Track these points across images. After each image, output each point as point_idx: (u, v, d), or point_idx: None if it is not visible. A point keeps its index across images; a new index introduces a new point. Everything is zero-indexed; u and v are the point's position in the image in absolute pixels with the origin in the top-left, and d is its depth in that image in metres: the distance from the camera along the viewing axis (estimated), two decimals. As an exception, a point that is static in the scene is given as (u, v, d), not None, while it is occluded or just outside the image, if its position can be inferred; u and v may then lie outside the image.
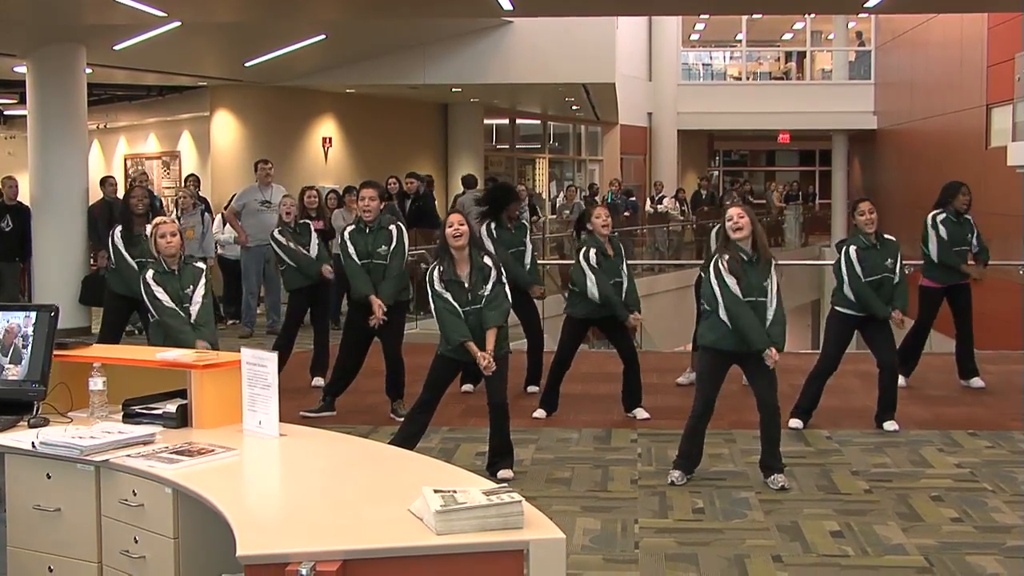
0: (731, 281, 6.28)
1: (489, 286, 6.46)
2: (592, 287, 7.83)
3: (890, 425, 7.85)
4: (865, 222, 7.76)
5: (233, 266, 13.06)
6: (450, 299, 6.43)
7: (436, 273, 6.48)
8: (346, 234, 8.04)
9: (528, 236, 8.99)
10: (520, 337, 9.49)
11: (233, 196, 13.15)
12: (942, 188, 9.14)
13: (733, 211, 6.40)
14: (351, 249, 7.95)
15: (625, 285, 8.02)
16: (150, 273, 6.62)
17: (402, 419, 7.20)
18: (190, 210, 12.64)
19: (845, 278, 7.74)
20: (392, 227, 8.05)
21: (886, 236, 7.87)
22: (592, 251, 7.91)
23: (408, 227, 9.72)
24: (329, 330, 9.57)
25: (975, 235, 9.05)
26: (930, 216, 9.01)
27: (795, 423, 7.89)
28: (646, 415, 8.21)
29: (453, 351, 6.52)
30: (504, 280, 6.55)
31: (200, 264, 6.85)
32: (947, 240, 8.92)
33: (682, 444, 6.67)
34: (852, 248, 7.77)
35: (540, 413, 8.27)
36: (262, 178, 12.26)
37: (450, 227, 6.44)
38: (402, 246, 7.98)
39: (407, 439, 6.56)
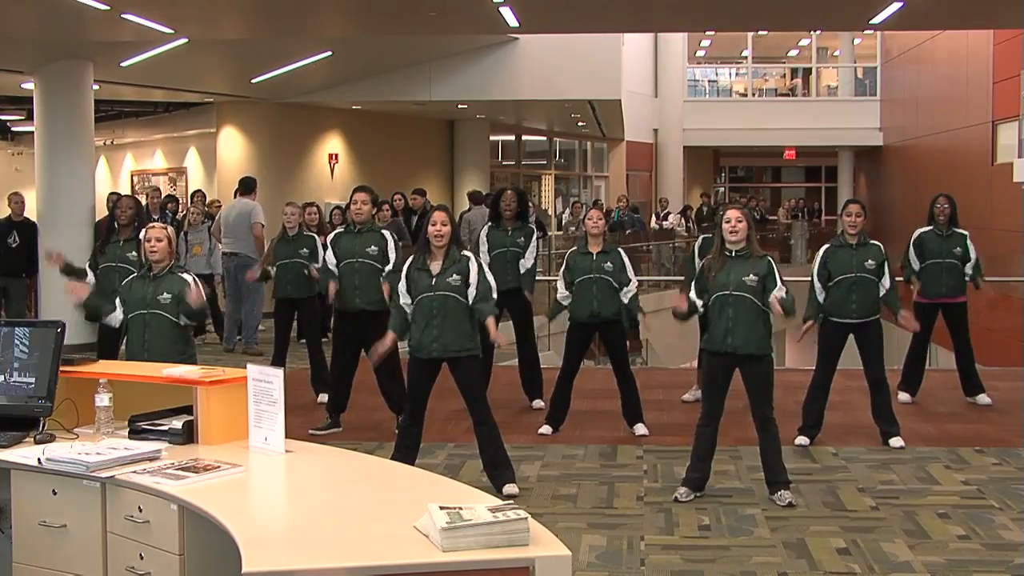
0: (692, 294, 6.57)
1: (475, 281, 6.49)
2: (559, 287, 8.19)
3: (896, 442, 7.83)
4: (849, 223, 7.84)
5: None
6: (402, 293, 6.58)
7: (408, 264, 6.62)
8: (330, 238, 8.23)
9: (528, 240, 8.93)
10: (513, 355, 9.50)
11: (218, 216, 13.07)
12: None
13: (731, 214, 6.43)
14: (330, 252, 8.12)
15: (627, 292, 8.02)
16: (129, 279, 6.47)
17: None
18: (198, 226, 12.67)
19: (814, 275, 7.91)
20: (384, 231, 8.24)
21: (871, 241, 7.88)
22: (571, 250, 8.23)
23: (413, 243, 9.74)
24: (321, 343, 9.59)
25: (971, 250, 8.92)
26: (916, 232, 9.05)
27: (801, 440, 7.87)
28: (644, 431, 8.19)
29: (416, 349, 6.55)
30: (487, 274, 6.59)
31: (185, 275, 6.37)
32: (923, 253, 8.91)
33: (692, 453, 6.67)
34: (824, 248, 7.97)
35: (546, 429, 8.26)
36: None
37: (433, 225, 6.49)
38: (393, 252, 8.06)
39: (404, 452, 6.61)
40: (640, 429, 8.20)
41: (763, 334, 6.42)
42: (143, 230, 6.52)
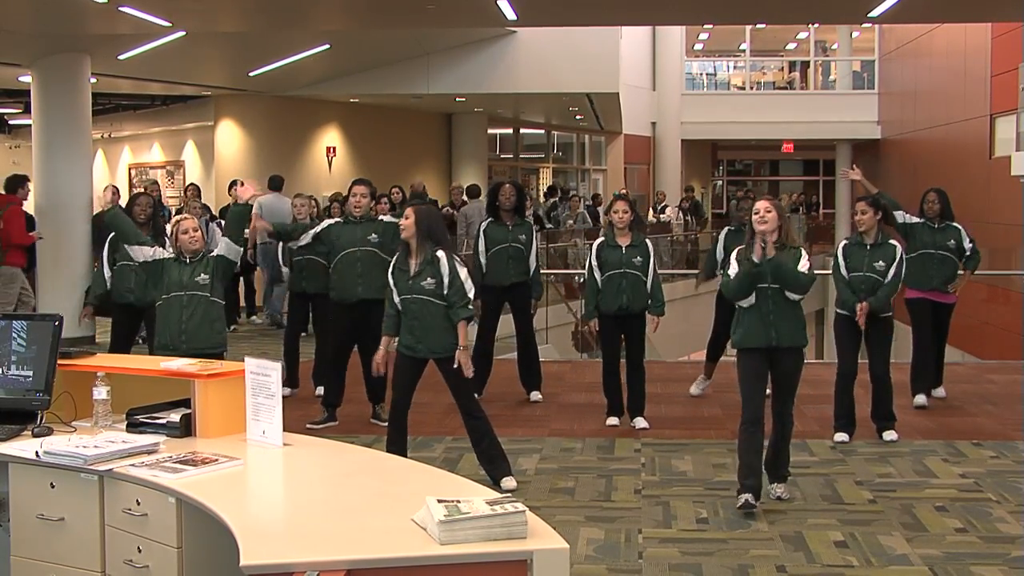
0: (732, 269, 6.22)
1: (446, 282, 6.36)
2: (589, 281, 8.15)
3: (889, 435, 7.81)
4: (856, 221, 7.84)
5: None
6: (392, 291, 6.52)
7: (392, 263, 6.58)
8: (320, 228, 8.20)
9: (529, 238, 8.90)
10: (511, 349, 9.49)
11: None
12: None
13: (760, 204, 6.21)
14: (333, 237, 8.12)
15: (648, 283, 8.04)
16: (164, 256, 6.63)
17: (383, 424, 7.47)
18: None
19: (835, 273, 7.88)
20: (383, 217, 8.37)
21: (890, 241, 7.83)
22: (598, 242, 8.18)
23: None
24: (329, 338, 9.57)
25: (966, 242, 8.79)
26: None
27: (840, 436, 7.80)
28: (644, 424, 8.20)
29: (403, 346, 6.55)
30: (459, 274, 6.40)
31: (209, 256, 6.66)
32: (914, 244, 8.73)
33: (740, 459, 6.31)
34: (842, 244, 7.96)
35: (613, 420, 8.27)
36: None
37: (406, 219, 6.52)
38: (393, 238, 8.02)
39: (396, 444, 6.62)
40: (640, 423, 8.20)
41: (800, 325, 6.29)
42: (174, 223, 6.73)
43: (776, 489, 6.43)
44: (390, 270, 6.60)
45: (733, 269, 6.21)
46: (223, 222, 13.27)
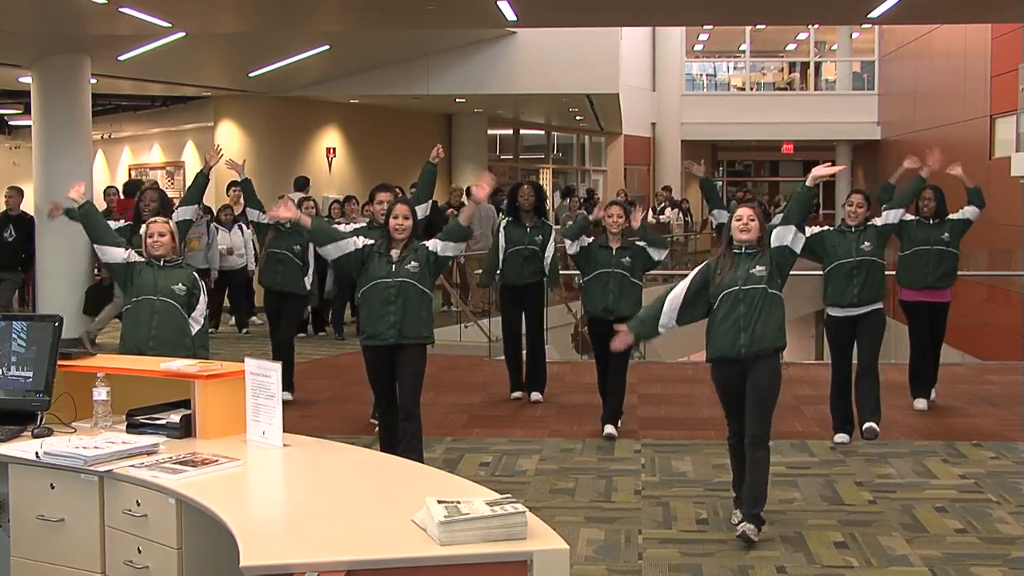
0: (687, 281, 5.88)
1: (432, 247, 6.53)
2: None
3: (869, 432, 7.56)
4: (849, 213, 7.76)
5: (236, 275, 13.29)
6: (347, 240, 6.55)
7: (369, 246, 6.55)
8: (357, 229, 7.94)
9: (545, 240, 8.93)
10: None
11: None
12: None
13: (743, 211, 5.84)
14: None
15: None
16: (137, 264, 6.32)
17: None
18: (197, 220, 12.66)
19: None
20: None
21: (870, 225, 7.77)
22: (589, 240, 8.09)
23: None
24: (293, 344, 9.38)
25: (966, 208, 8.68)
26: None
27: (840, 437, 7.77)
28: (612, 431, 7.97)
29: (370, 338, 6.54)
30: (432, 255, 6.52)
31: (194, 272, 6.37)
32: (907, 240, 8.63)
33: (735, 474, 6.06)
34: (823, 227, 7.83)
35: (611, 430, 8.01)
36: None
37: (395, 219, 6.48)
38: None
39: (389, 447, 6.62)
40: (610, 429, 8.01)
41: (777, 327, 5.74)
42: (144, 225, 6.47)
43: (749, 531, 5.67)
44: (365, 247, 6.54)
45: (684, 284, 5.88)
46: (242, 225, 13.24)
